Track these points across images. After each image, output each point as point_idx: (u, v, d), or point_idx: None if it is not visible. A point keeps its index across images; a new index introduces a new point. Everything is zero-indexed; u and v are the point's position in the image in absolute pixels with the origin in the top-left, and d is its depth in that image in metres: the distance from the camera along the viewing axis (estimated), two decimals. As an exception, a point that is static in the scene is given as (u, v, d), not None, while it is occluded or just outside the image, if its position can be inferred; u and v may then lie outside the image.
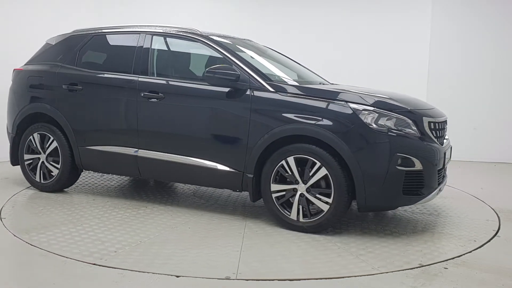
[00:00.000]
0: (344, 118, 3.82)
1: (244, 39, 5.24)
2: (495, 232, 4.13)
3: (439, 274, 3.14)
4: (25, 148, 5.21)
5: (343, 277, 3.09)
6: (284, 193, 4.01)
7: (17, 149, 5.27)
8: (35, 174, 5.16)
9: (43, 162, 5.10)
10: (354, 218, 4.45)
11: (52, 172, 5.07)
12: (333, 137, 3.78)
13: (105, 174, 6.11)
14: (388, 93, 4.21)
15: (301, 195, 3.93)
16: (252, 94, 4.11)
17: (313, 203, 3.93)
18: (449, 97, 7.96)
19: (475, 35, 8.09)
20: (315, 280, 3.05)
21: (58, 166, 5.02)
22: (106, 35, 5.01)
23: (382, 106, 3.86)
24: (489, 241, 3.89)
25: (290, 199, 4.02)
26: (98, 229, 3.96)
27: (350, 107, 3.83)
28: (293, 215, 3.98)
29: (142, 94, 4.49)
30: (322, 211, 3.88)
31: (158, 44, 4.71)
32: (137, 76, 4.57)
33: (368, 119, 3.77)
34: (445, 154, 4.10)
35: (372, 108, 3.81)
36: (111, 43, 5.01)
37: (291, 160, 3.95)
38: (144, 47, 4.65)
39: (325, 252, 3.55)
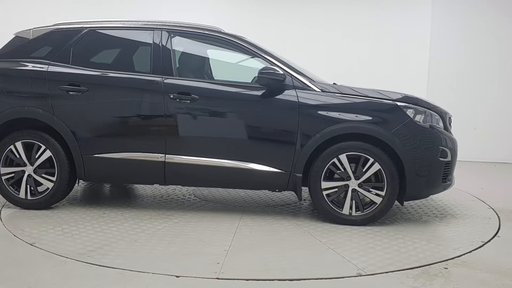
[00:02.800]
0: (394, 116, 4.11)
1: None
2: (495, 232, 4.15)
3: (439, 274, 3.15)
4: (1, 160, 4.42)
5: (437, 262, 3.39)
6: (335, 190, 4.16)
7: (-13, 162, 4.45)
8: (17, 190, 4.43)
9: (29, 175, 4.39)
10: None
11: (41, 186, 4.42)
12: (387, 134, 4.06)
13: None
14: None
15: (353, 190, 4.13)
16: (297, 94, 4.16)
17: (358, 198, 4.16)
18: (449, 97, 7.99)
19: (475, 35, 8.23)
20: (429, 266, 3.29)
21: (53, 178, 4.38)
22: (108, 30, 4.51)
23: (420, 103, 4.26)
24: (489, 241, 3.89)
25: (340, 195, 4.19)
26: (160, 242, 3.64)
27: (398, 105, 4.14)
28: (345, 210, 4.16)
29: (172, 96, 4.19)
30: (374, 203, 4.14)
31: (179, 42, 4.43)
32: (161, 76, 4.25)
33: (414, 116, 4.13)
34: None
35: (413, 106, 4.18)
36: (115, 39, 4.53)
37: (343, 157, 4.11)
38: (163, 45, 4.32)
39: (399, 241, 3.81)
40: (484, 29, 8.26)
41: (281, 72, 4.13)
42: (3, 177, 4.43)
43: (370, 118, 4.11)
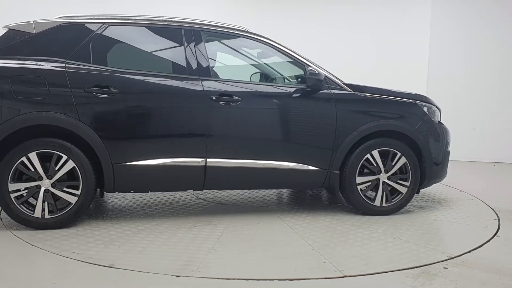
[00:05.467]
0: (416, 113, 4.56)
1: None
2: (495, 232, 4.14)
3: (439, 274, 3.15)
4: (10, 174, 3.78)
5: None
6: (368, 183, 4.46)
7: (-9, 177, 3.77)
8: (31, 208, 3.84)
9: (47, 190, 3.84)
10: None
11: (59, 200, 3.91)
12: (413, 130, 4.48)
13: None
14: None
15: (383, 183, 4.47)
16: (333, 94, 4.34)
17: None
18: (448, 97, 7.85)
19: (475, 34, 8.16)
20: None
21: (77, 192, 3.89)
22: (129, 27, 4.13)
23: (429, 101, 4.76)
24: (488, 241, 3.89)
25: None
26: (241, 248, 3.58)
27: (417, 103, 4.58)
28: (377, 202, 4.48)
29: (214, 98, 4.04)
30: (401, 193, 4.53)
31: (213, 42, 4.26)
32: (199, 77, 4.07)
33: (428, 112, 4.61)
34: None
35: (426, 103, 4.67)
36: (139, 37, 4.16)
37: (375, 153, 4.42)
38: (197, 45, 4.12)
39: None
40: (483, 29, 8.21)
41: (320, 72, 4.27)
42: (13, 195, 3.80)
43: (398, 115, 4.49)
